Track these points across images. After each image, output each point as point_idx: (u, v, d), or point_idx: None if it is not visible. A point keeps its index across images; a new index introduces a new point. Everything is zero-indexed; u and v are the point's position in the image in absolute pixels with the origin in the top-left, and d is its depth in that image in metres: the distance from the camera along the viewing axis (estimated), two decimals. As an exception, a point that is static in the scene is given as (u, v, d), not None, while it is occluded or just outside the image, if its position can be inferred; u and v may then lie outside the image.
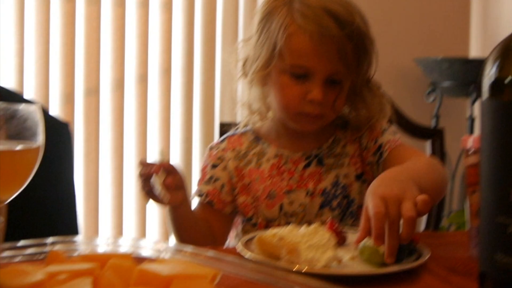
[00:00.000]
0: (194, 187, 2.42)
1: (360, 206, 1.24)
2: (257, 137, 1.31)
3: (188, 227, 1.22)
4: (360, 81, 1.22)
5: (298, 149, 1.28)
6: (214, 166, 1.29)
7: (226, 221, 1.29)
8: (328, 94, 1.17)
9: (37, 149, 0.72)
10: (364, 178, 1.27)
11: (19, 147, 0.70)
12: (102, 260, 0.58)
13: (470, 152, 0.98)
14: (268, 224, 1.25)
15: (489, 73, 0.67)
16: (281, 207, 1.24)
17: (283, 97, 1.19)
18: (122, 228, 2.38)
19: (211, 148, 1.33)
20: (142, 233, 2.41)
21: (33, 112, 0.71)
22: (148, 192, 1.13)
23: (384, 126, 1.28)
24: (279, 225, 1.23)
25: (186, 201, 1.19)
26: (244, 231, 1.27)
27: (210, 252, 0.61)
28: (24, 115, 0.70)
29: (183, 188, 1.16)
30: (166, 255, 0.63)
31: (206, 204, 1.27)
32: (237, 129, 1.35)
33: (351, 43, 1.15)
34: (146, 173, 1.11)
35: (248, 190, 1.27)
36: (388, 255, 0.87)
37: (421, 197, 0.89)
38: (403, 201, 0.89)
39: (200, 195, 1.28)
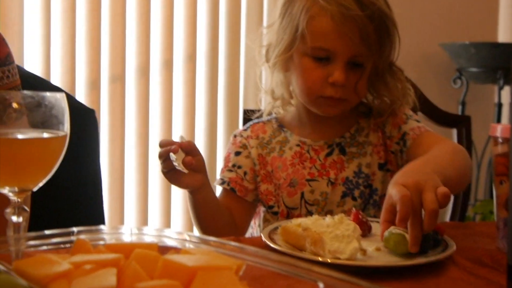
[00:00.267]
0: (218, 172, 2.44)
1: (383, 196, 1.23)
2: (281, 125, 1.31)
3: (209, 213, 1.22)
4: (383, 65, 1.21)
5: (320, 138, 1.27)
6: (237, 154, 1.30)
7: (248, 209, 1.29)
8: (350, 77, 1.16)
9: (64, 137, 0.72)
10: (388, 168, 1.26)
11: (45, 135, 0.70)
12: (127, 250, 0.58)
13: (498, 141, 0.96)
14: (289, 212, 1.24)
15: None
16: (302, 195, 1.24)
17: (305, 81, 1.19)
18: (147, 214, 2.39)
19: (235, 136, 1.33)
20: (167, 219, 2.43)
21: (60, 100, 0.72)
22: (166, 173, 1.14)
23: (408, 113, 1.26)
24: (300, 214, 1.23)
25: (206, 185, 1.18)
26: (265, 220, 1.27)
27: (234, 243, 0.61)
28: (50, 103, 0.71)
29: (203, 171, 1.16)
30: (191, 245, 0.63)
31: (228, 191, 1.27)
32: (260, 116, 1.35)
33: (372, 24, 1.14)
34: (165, 151, 1.10)
35: (270, 178, 1.27)
36: (412, 245, 0.86)
37: (441, 190, 0.88)
38: (424, 191, 0.88)
39: (222, 183, 1.28)
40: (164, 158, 1.11)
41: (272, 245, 0.88)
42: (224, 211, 1.25)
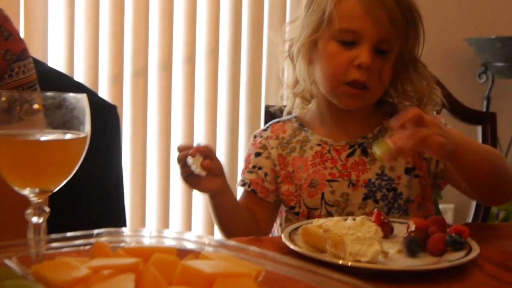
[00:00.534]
0: (239, 169, 2.43)
1: (408, 200, 1.22)
2: (301, 124, 1.30)
3: (230, 216, 1.22)
4: (408, 55, 1.19)
5: (342, 138, 1.25)
6: (257, 155, 1.29)
7: (270, 209, 1.28)
8: (375, 62, 1.15)
9: (84, 138, 0.72)
10: (417, 173, 1.23)
11: (66, 137, 0.70)
12: (146, 253, 0.58)
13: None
14: (310, 213, 1.23)
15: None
16: (322, 196, 1.22)
17: (330, 66, 1.17)
18: (169, 209, 2.40)
19: (255, 136, 1.32)
20: (188, 214, 2.43)
21: (81, 101, 0.72)
22: (185, 177, 1.14)
23: (442, 121, 1.25)
24: (320, 214, 1.22)
25: (226, 189, 1.18)
26: (287, 220, 1.26)
27: (254, 248, 0.61)
28: (71, 104, 0.71)
29: (221, 175, 1.16)
30: (210, 249, 0.62)
31: (250, 192, 1.26)
32: (282, 111, 1.34)
33: (399, 9, 1.14)
34: (183, 155, 1.10)
35: (291, 178, 1.25)
36: (391, 154, 0.94)
37: (439, 139, 0.93)
38: (429, 127, 0.94)
39: (243, 184, 1.27)
40: (183, 163, 1.11)
41: (292, 246, 0.87)
42: (246, 213, 1.24)
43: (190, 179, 1.13)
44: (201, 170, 1.08)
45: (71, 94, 0.71)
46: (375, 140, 0.96)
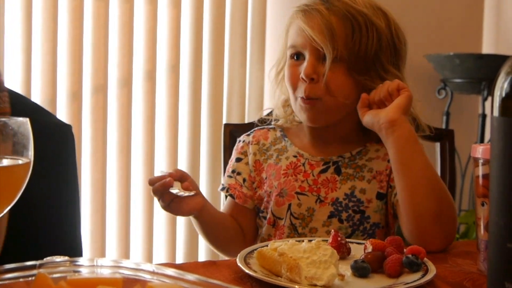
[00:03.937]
0: (202, 183, 2.39)
1: (375, 225, 1.20)
2: (284, 134, 1.31)
3: (218, 229, 1.23)
4: (362, 59, 1.17)
5: (318, 153, 1.26)
6: (238, 160, 1.31)
7: (251, 216, 1.29)
8: (319, 70, 1.17)
9: (27, 164, 0.69)
10: (386, 200, 1.21)
11: (6, 163, 0.67)
12: (90, 285, 0.56)
13: (479, 162, 0.94)
14: (275, 221, 1.24)
15: (501, 88, 0.62)
16: (289, 207, 1.22)
17: (289, 81, 1.22)
18: (129, 227, 2.36)
19: (238, 141, 1.34)
20: (149, 231, 2.40)
21: (23, 126, 0.69)
22: (167, 207, 1.13)
23: None
24: (284, 225, 1.23)
25: (207, 204, 1.20)
26: (258, 226, 1.29)
27: (196, 276, 0.59)
28: (13, 129, 0.68)
29: (199, 192, 1.17)
30: (157, 279, 0.60)
31: (232, 200, 1.28)
32: (268, 123, 1.36)
33: (336, 17, 1.16)
34: (161, 186, 1.10)
35: (264, 184, 1.27)
36: None
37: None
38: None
39: (222, 188, 1.29)
40: (160, 193, 1.11)
41: (247, 270, 0.85)
42: (232, 223, 1.27)
43: (172, 207, 1.13)
44: (188, 191, 1.10)
45: (12, 119, 0.68)
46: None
